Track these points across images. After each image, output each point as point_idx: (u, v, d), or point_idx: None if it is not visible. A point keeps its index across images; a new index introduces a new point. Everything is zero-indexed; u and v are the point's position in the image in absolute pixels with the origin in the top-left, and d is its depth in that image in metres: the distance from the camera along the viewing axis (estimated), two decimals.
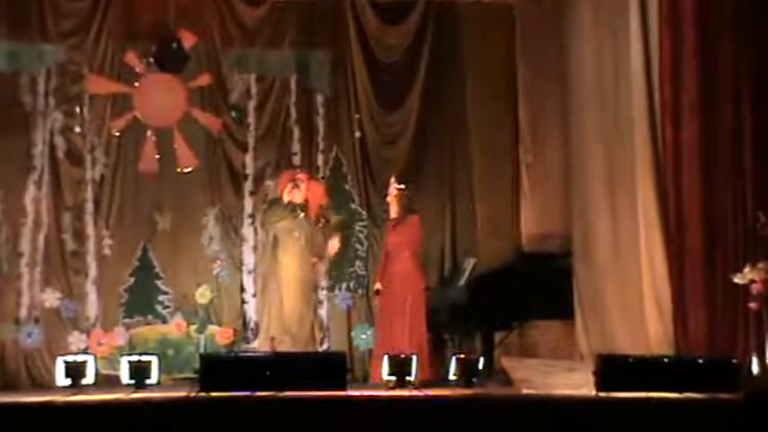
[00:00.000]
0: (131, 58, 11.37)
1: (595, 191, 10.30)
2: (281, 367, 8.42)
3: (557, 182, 11.44)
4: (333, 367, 8.59)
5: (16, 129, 11.18)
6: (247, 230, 11.43)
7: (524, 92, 11.77)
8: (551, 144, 11.58)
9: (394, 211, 10.52)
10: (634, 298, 9.55)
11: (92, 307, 11.19)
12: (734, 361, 8.35)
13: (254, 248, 11.37)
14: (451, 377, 9.55)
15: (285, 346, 10.23)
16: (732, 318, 8.79)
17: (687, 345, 9.04)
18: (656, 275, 9.39)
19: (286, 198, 10.56)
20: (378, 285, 10.57)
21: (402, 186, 10.53)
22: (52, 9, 11.28)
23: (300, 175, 10.71)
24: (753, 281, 8.46)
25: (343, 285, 11.56)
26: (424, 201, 11.53)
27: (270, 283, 10.69)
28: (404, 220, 10.44)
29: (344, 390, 8.23)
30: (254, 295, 11.30)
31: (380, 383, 9.48)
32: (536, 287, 10.50)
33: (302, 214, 10.56)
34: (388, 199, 10.57)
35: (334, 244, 10.84)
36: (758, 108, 8.93)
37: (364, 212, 11.61)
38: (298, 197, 10.56)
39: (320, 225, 10.70)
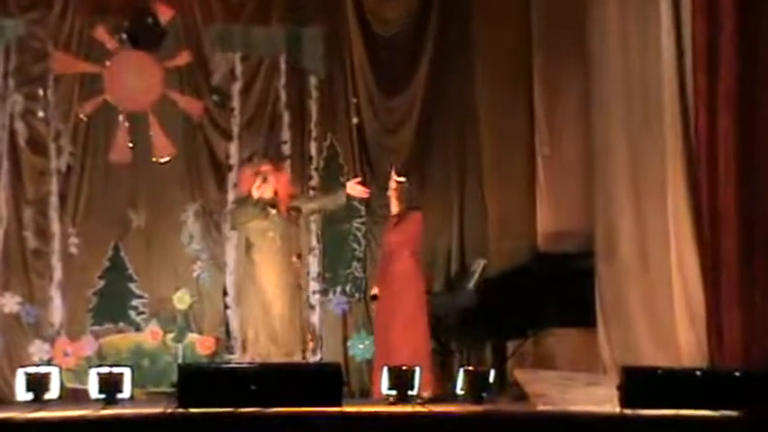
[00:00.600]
0: (101, 33, 11.38)
1: (620, 186, 10.31)
2: (269, 380, 8.41)
3: (576, 175, 11.46)
4: (326, 380, 8.58)
5: None
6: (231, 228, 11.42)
7: (540, 76, 11.80)
8: (570, 134, 11.60)
9: (394, 207, 10.43)
10: (663, 304, 9.57)
11: (56, 313, 11.20)
12: None
13: (238, 248, 11.35)
14: (459, 391, 9.58)
15: (275, 358, 10.19)
16: None
17: (722, 356, 9.05)
18: (688, 279, 9.41)
19: (255, 194, 10.37)
20: (375, 290, 10.52)
21: (402, 179, 10.46)
22: None
23: (266, 167, 10.52)
24: None
25: (338, 289, 11.57)
26: (429, 196, 11.56)
27: (248, 291, 10.50)
28: (405, 217, 10.36)
29: (340, 405, 8.23)
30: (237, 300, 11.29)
31: (381, 398, 9.48)
32: (553, 291, 10.52)
33: (274, 211, 10.39)
34: (388, 193, 10.52)
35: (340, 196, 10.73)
36: None
37: (362, 208, 11.60)
38: (267, 192, 10.36)
39: (293, 218, 10.58)
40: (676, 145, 9.55)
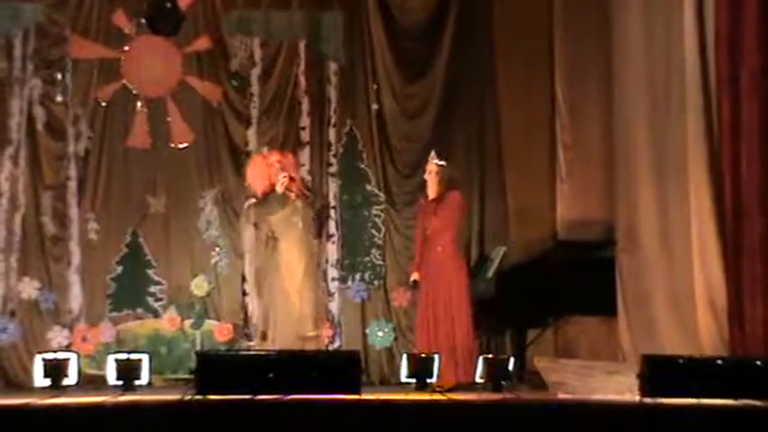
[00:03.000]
0: (120, 18, 11.43)
1: (642, 174, 10.33)
2: (287, 368, 8.42)
3: (597, 163, 11.49)
4: (345, 368, 8.57)
5: None
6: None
7: (562, 63, 11.82)
8: (592, 121, 11.62)
9: (433, 191, 10.18)
10: (684, 293, 9.59)
11: (75, 299, 11.26)
12: None
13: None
14: (478, 380, 9.59)
15: (295, 345, 10.18)
16: None
17: (744, 345, 9.06)
18: (710, 268, 9.42)
19: (280, 190, 10.37)
20: (415, 275, 10.29)
21: (443, 162, 10.30)
22: None
23: (277, 158, 10.51)
24: None
25: (357, 276, 11.58)
26: None
27: (272, 279, 10.49)
28: (444, 201, 10.13)
29: (358, 393, 8.24)
30: (257, 290, 11.30)
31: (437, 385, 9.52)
32: (573, 279, 10.50)
33: (293, 195, 10.39)
34: (426, 176, 10.34)
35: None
36: None
37: (382, 195, 11.64)
38: (286, 183, 10.42)
39: (308, 198, 10.57)
40: (699, 134, 9.56)
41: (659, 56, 10.13)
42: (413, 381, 9.52)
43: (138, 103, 11.45)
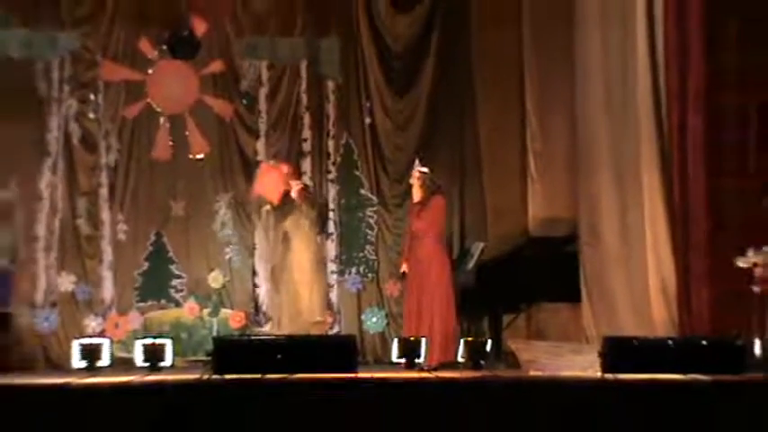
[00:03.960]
0: (144, 45, 11.42)
1: (602, 175, 10.31)
2: (293, 350, 8.45)
3: (563, 167, 11.42)
4: (343, 350, 8.61)
5: (31, 115, 11.26)
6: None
7: (531, 78, 11.75)
8: (558, 128, 11.53)
9: (416, 196, 10.19)
10: (640, 281, 9.60)
11: (107, 291, 11.29)
12: (739, 342, 8.38)
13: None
14: (460, 359, 9.61)
15: (301, 331, 10.21)
16: (736, 301, 8.83)
17: (692, 327, 9.09)
18: (662, 261, 9.46)
19: (295, 196, 10.50)
20: (403, 268, 10.27)
21: (425, 169, 10.33)
22: None
23: (284, 168, 10.67)
24: (756, 264, 8.51)
25: (353, 270, 11.61)
26: None
27: (284, 276, 10.57)
28: (427, 204, 10.11)
29: (355, 372, 8.27)
30: (267, 281, 11.31)
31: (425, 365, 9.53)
32: (543, 271, 10.51)
33: (299, 201, 10.54)
34: (411, 181, 10.34)
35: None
36: (764, 93, 8.97)
37: (374, 198, 11.65)
38: (303, 192, 10.56)
39: (309, 197, 10.66)
40: (651, 141, 9.58)
41: (616, 72, 10.10)
42: (403, 361, 9.56)
43: (162, 119, 11.48)
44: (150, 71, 11.47)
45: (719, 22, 9.21)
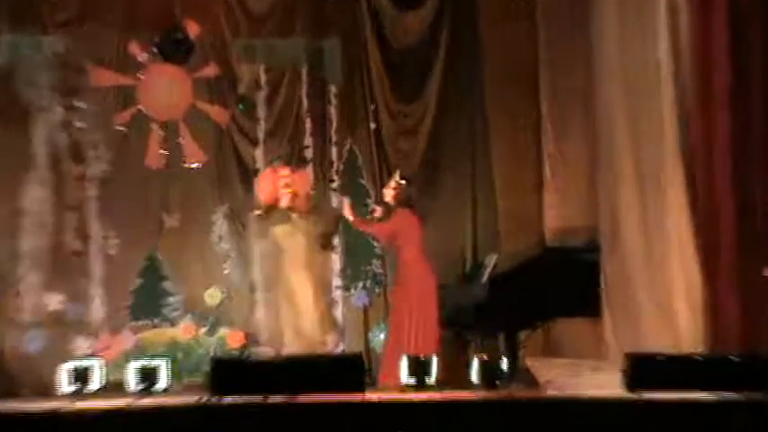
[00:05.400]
0: (134, 48, 11.42)
1: (623, 181, 10.27)
2: (296, 371, 8.43)
3: (581, 173, 11.40)
4: (349, 370, 8.58)
5: (15, 124, 11.22)
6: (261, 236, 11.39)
7: (545, 80, 11.75)
8: (575, 134, 11.53)
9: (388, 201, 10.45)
10: (664, 293, 9.55)
11: (97, 310, 11.26)
12: None
13: (268, 253, 11.28)
14: (474, 379, 9.57)
15: (303, 350, 10.18)
16: (766, 311, 8.80)
17: (721, 342, 9.05)
18: (688, 270, 9.39)
19: (284, 204, 10.47)
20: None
21: (403, 181, 10.37)
22: None
23: (285, 172, 10.64)
24: None
25: (359, 284, 11.59)
26: (444, 195, 11.58)
27: (279, 291, 10.52)
28: (390, 214, 10.34)
29: (362, 393, 8.24)
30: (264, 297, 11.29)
31: (390, 385, 9.48)
32: (560, 283, 10.44)
33: (295, 215, 10.46)
34: (385, 191, 10.50)
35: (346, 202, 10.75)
36: None
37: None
38: (290, 198, 10.50)
39: (315, 214, 10.63)
40: (675, 145, 9.54)
41: (637, 72, 10.08)
42: (413, 381, 9.51)
43: (154, 127, 11.46)
44: (141, 75, 11.46)
45: (745, 18, 9.18)
